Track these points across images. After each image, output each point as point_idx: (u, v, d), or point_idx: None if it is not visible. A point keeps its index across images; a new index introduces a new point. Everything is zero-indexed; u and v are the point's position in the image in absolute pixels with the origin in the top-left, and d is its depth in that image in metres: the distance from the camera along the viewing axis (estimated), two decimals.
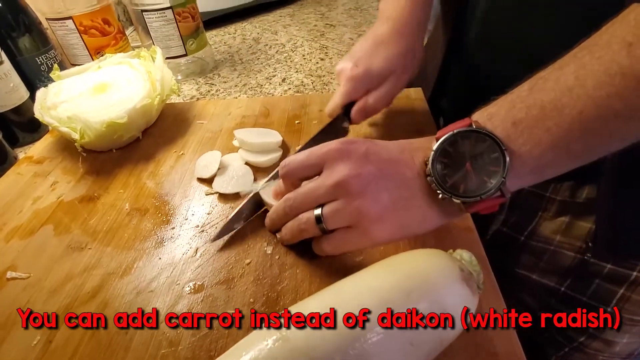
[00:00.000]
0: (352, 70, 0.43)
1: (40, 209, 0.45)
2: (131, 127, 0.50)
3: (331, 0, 1.07)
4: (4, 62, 0.54)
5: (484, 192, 0.28)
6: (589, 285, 0.44)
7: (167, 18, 0.66)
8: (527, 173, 0.28)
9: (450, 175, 0.29)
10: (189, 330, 0.32)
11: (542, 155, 0.27)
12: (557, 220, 0.44)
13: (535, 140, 0.27)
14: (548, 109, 0.26)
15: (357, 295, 0.25)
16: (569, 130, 0.26)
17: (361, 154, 0.31)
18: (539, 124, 0.27)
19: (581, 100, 0.25)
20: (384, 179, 0.30)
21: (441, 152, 0.29)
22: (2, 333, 0.33)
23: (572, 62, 0.27)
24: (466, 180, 0.29)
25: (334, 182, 0.31)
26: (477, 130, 0.28)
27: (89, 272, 0.38)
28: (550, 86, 0.27)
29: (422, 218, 0.31)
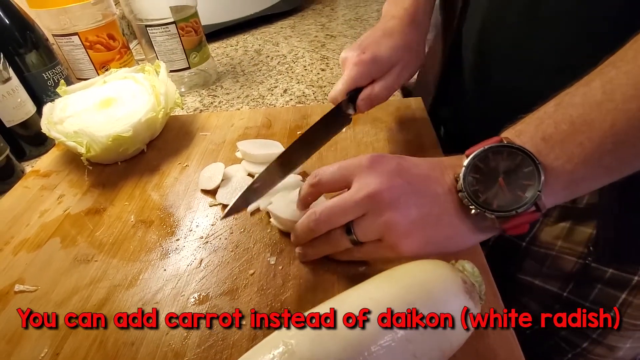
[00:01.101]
0: (359, 55, 0.43)
1: (47, 222, 0.46)
2: (136, 141, 0.51)
3: (331, 12, 1.09)
4: (11, 78, 0.55)
5: (519, 206, 0.28)
6: (591, 290, 0.45)
7: (171, 32, 0.67)
8: (561, 188, 0.28)
9: (482, 190, 0.29)
10: (195, 341, 0.32)
11: (575, 170, 0.27)
12: (558, 226, 0.45)
13: (567, 154, 0.27)
14: (578, 124, 0.27)
15: (359, 308, 0.25)
16: (600, 144, 0.26)
17: (392, 169, 0.31)
18: (569, 138, 0.27)
19: (611, 114, 0.25)
20: (414, 194, 0.30)
21: (472, 167, 0.30)
22: (11, 345, 0.34)
23: (598, 77, 0.27)
24: (499, 195, 0.29)
25: (365, 195, 0.31)
26: (509, 146, 0.29)
27: (95, 284, 0.38)
28: (577, 101, 0.27)
29: (453, 234, 0.31)
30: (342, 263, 0.37)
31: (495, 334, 0.31)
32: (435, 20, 0.53)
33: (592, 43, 0.35)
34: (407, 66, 0.46)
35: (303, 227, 0.35)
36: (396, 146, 0.51)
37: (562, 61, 0.38)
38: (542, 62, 0.39)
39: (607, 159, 0.27)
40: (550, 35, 0.38)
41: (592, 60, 0.28)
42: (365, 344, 0.23)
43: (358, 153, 0.51)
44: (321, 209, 0.33)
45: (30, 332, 0.35)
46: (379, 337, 0.23)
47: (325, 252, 0.36)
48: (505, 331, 0.31)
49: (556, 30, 0.37)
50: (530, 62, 0.41)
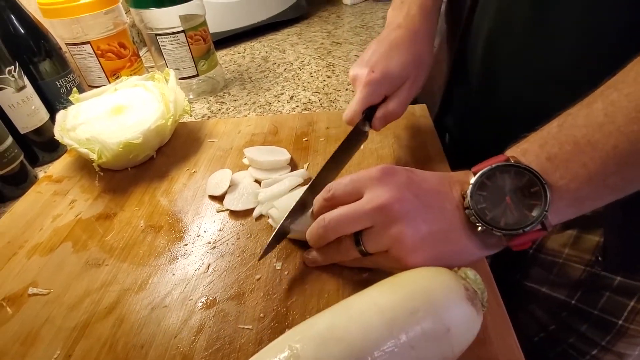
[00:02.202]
0: (369, 75, 0.43)
1: (59, 227, 0.47)
2: (146, 147, 0.52)
3: (337, 19, 1.10)
4: (26, 86, 0.57)
5: (526, 225, 0.28)
6: (599, 298, 0.45)
7: (180, 41, 0.69)
8: (566, 206, 0.29)
9: (489, 208, 0.30)
10: (203, 344, 0.33)
11: (579, 189, 0.28)
12: (565, 234, 0.45)
13: (572, 174, 0.28)
14: (582, 145, 0.27)
15: (363, 314, 0.25)
16: (604, 165, 0.27)
17: (402, 182, 0.32)
18: (573, 158, 0.28)
19: (613, 136, 0.26)
20: (423, 209, 0.31)
21: (479, 185, 0.30)
22: (25, 347, 0.35)
23: (600, 99, 0.27)
24: (506, 213, 0.29)
25: (375, 206, 0.31)
26: (515, 165, 0.29)
27: (106, 288, 0.39)
28: (580, 122, 0.28)
29: (460, 250, 0.31)
30: (346, 269, 0.38)
31: (498, 341, 0.32)
32: (440, 27, 0.54)
33: (597, 53, 0.35)
34: (417, 79, 0.46)
35: (313, 233, 0.36)
36: (401, 153, 0.52)
37: (568, 71, 0.38)
38: (548, 72, 0.40)
39: (611, 179, 0.27)
40: (555, 46, 0.38)
41: (597, 70, 0.28)
42: (368, 349, 0.24)
43: (363, 160, 0.51)
44: (330, 217, 0.34)
45: (43, 334, 0.36)
46: (383, 342, 0.24)
47: (334, 260, 0.37)
48: (507, 338, 0.32)
49: (562, 40, 0.37)
50: (535, 72, 0.41)
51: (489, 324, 0.32)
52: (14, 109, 0.56)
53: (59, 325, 0.36)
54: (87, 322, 0.36)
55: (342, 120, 0.45)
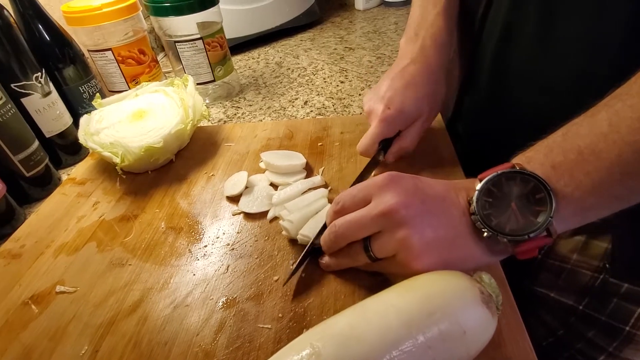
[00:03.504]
0: (384, 112, 0.45)
1: (84, 227, 0.49)
2: (166, 151, 0.54)
3: (350, 24, 1.11)
4: (52, 92, 0.59)
5: (532, 231, 0.29)
6: (607, 304, 0.45)
7: (198, 48, 0.71)
8: (571, 214, 0.29)
9: (495, 214, 0.30)
10: (224, 342, 0.34)
11: (584, 198, 0.28)
12: (574, 239, 0.45)
13: (576, 183, 0.28)
14: (586, 154, 0.28)
15: (382, 315, 0.26)
16: (608, 174, 0.27)
17: (408, 188, 0.33)
18: (578, 167, 0.28)
19: (617, 146, 0.26)
20: (429, 214, 0.32)
21: (485, 192, 0.31)
22: (53, 342, 0.36)
23: (604, 109, 0.28)
24: (511, 219, 0.30)
25: (381, 212, 0.32)
26: (521, 172, 0.30)
27: (129, 286, 0.41)
28: (584, 132, 0.28)
29: (466, 256, 0.32)
30: (362, 272, 0.39)
31: (513, 344, 0.32)
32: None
33: (600, 65, 0.36)
34: (430, 115, 0.48)
35: (325, 241, 0.38)
36: (415, 160, 0.53)
37: (573, 82, 0.39)
38: (554, 83, 0.41)
39: (615, 188, 0.28)
40: (561, 59, 0.39)
41: (601, 80, 0.29)
42: (387, 349, 0.25)
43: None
44: (340, 223, 0.35)
45: (70, 330, 0.37)
46: (401, 342, 0.25)
47: (345, 265, 0.38)
48: (521, 342, 0.32)
49: (566, 54, 0.38)
50: (542, 83, 0.42)
51: (503, 328, 0.33)
52: (40, 114, 0.58)
53: (86, 322, 0.38)
54: (113, 319, 0.38)
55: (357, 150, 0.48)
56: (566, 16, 0.37)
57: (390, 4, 1.19)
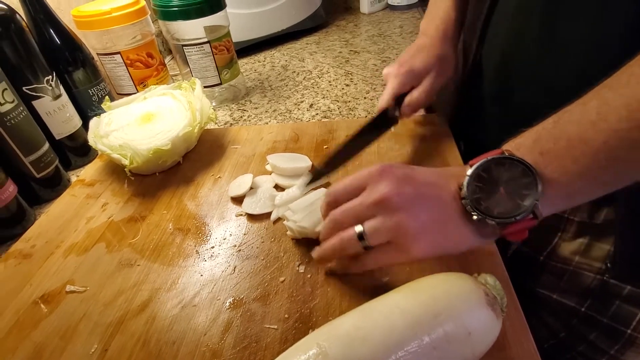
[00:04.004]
0: (397, 69, 0.50)
1: (93, 228, 0.49)
2: (174, 153, 0.55)
3: (355, 28, 1.12)
4: (62, 95, 0.60)
5: (518, 214, 0.30)
6: (609, 306, 0.45)
7: (205, 51, 0.72)
8: (558, 199, 0.30)
9: (484, 198, 0.31)
10: (231, 342, 0.35)
11: (571, 183, 0.29)
12: (576, 242, 0.45)
13: (564, 169, 0.29)
14: (574, 141, 0.29)
15: (387, 316, 0.27)
16: (595, 160, 0.28)
17: (401, 176, 0.34)
18: (566, 153, 0.29)
19: (604, 133, 0.28)
20: (422, 199, 0.33)
21: (476, 177, 0.32)
22: (64, 341, 0.37)
23: (595, 98, 0.29)
24: (500, 203, 0.31)
25: (375, 199, 0.33)
26: (510, 158, 0.31)
27: (138, 286, 0.41)
28: (575, 120, 0.30)
29: (458, 238, 0.33)
30: (366, 274, 0.39)
31: (517, 346, 0.32)
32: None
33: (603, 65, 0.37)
34: (441, 73, 0.51)
35: (323, 231, 0.38)
36: (420, 161, 0.53)
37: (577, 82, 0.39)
38: (558, 83, 0.41)
39: (602, 174, 0.29)
40: (564, 59, 0.40)
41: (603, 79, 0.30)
42: (393, 349, 0.25)
43: None
44: (338, 210, 0.36)
45: (81, 329, 0.38)
46: (406, 343, 0.25)
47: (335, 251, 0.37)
48: (526, 343, 0.32)
49: (570, 54, 0.39)
50: (547, 83, 0.42)
51: (507, 329, 0.33)
52: (50, 116, 0.59)
53: (96, 321, 0.38)
54: (122, 318, 0.38)
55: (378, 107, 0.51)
56: (570, 18, 0.37)
57: (395, 8, 1.20)
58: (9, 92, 0.51)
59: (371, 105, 0.73)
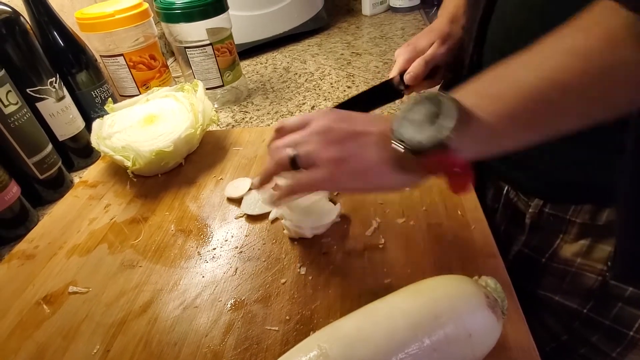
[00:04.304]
0: (404, 48, 0.55)
1: (95, 229, 0.50)
2: (176, 155, 0.55)
3: (357, 30, 1.12)
4: (65, 97, 0.61)
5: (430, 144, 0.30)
6: (611, 308, 0.45)
7: (207, 53, 0.72)
8: (485, 137, 0.30)
9: (408, 131, 0.32)
10: (232, 344, 0.35)
11: (499, 122, 0.30)
12: (578, 243, 0.45)
13: (491, 107, 0.30)
14: (505, 83, 0.30)
15: (388, 317, 0.27)
16: (523, 101, 0.29)
17: (341, 115, 0.36)
18: (496, 93, 0.30)
19: (535, 75, 0.28)
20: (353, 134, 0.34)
21: (406, 110, 0.33)
22: (67, 341, 0.37)
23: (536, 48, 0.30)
24: (416, 133, 0.31)
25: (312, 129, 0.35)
26: (436, 94, 0.32)
27: (140, 287, 0.42)
28: (510, 66, 0.30)
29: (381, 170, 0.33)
30: (368, 276, 0.39)
31: (518, 349, 0.32)
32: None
33: None
34: (442, 44, 0.53)
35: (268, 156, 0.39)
36: None
37: None
38: None
39: (530, 117, 0.29)
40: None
41: None
42: (394, 351, 0.25)
43: None
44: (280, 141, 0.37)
45: (83, 330, 0.38)
46: (407, 345, 0.25)
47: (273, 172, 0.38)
48: (528, 346, 0.33)
49: None
50: None
51: (509, 332, 0.33)
52: (54, 118, 0.60)
53: (98, 321, 0.39)
54: (124, 319, 0.38)
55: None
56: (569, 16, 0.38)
57: (397, 10, 1.20)
58: (13, 94, 0.51)
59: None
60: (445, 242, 0.42)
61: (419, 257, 0.41)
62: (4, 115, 0.50)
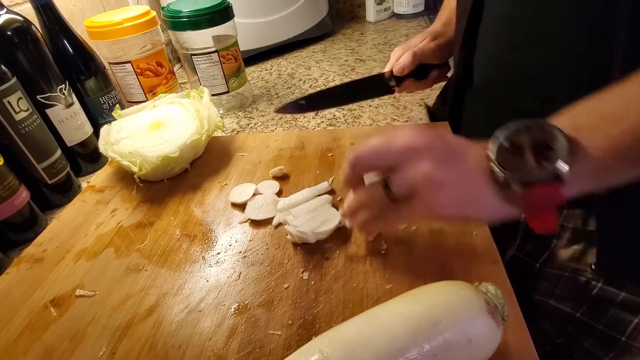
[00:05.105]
0: (398, 47, 0.59)
1: (102, 234, 0.51)
2: (182, 160, 0.56)
3: (361, 36, 1.13)
4: (74, 103, 0.62)
5: (543, 175, 0.29)
6: (604, 313, 0.45)
7: (213, 60, 0.73)
8: (588, 174, 0.30)
9: (511, 160, 0.30)
10: (235, 347, 0.36)
11: (602, 159, 0.29)
12: (572, 248, 0.46)
13: (596, 143, 0.29)
14: (609, 118, 0.29)
15: (390, 322, 0.27)
16: (629, 138, 0.28)
17: (432, 133, 0.33)
18: (598, 128, 0.29)
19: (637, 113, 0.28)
20: (451, 155, 0.32)
21: (505, 139, 0.31)
22: (74, 344, 0.38)
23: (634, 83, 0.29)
24: (525, 165, 0.30)
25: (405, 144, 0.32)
26: (541, 122, 0.31)
27: (145, 291, 0.42)
28: (611, 98, 0.30)
29: (482, 200, 0.32)
30: (370, 281, 0.40)
31: (519, 355, 0.33)
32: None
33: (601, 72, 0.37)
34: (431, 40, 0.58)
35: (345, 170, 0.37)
36: None
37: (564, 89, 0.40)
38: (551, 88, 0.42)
39: (634, 153, 0.28)
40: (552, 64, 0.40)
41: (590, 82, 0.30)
42: (394, 355, 0.26)
43: None
44: (358, 151, 0.35)
45: (90, 332, 0.39)
46: (407, 350, 0.26)
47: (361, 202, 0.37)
48: (528, 352, 0.33)
49: (574, 62, 0.39)
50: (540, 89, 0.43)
51: (509, 338, 0.33)
52: (63, 124, 0.61)
53: (104, 324, 0.39)
54: (130, 322, 0.39)
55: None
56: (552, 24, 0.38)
57: (401, 16, 1.21)
58: (24, 100, 0.53)
59: (376, 113, 0.74)
60: (447, 248, 0.43)
61: (420, 262, 0.41)
62: (14, 122, 0.52)
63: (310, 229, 0.43)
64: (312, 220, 0.44)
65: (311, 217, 0.45)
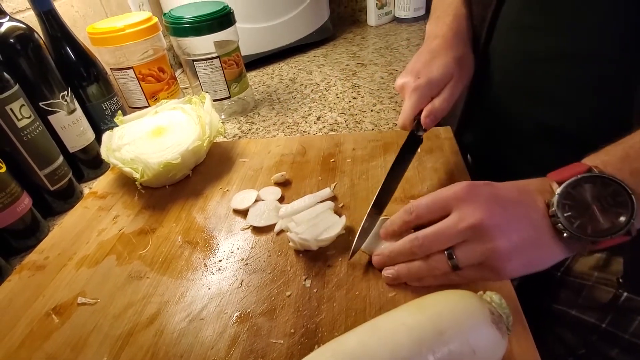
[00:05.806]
0: (415, 82, 0.46)
1: (104, 241, 0.50)
2: (184, 167, 0.56)
3: (362, 40, 1.13)
4: (76, 109, 0.62)
5: (615, 232, 0.30)
6: (630, 322, 0.44)
7: (215, 66, 0.73)
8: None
9: (576, 216, 0.31)
10: (237, 356, 0.35)
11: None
12: (594, 257, 0.45)
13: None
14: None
15: (393, 332, 0.27)
16: None
17: (488, 197, 0.34)
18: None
19: None
20: (512, 220, 0.33)
21: (565, 195, 0.32)
22: (75, 352, 0.38)
23: None
24: (593, 221, 0.31)
25: (469, 224, 0.33)
26: (601, 176, 0.31)
27: (147, 299, 0.42)
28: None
29: (549, 255, 0.33)
30: (372, 289, 0.39)
31: None
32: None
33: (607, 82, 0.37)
34: (460, 79, 0.48)
35: (404, 250, 0.37)
36: (426, 174, 0.53)
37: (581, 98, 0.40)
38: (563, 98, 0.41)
39: None
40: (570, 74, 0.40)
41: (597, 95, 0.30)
42: None
43: None
44: (424, 234, 0.35)
45: (91, 341, 0.39)
46: None
47: (420, 275, 0.37)
48: None
49: (576, 70, 0.39)
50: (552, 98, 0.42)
51: (514, 347, 0.33)
52: (65, 130, 0.61)
53: (106, 332, 0.39)
54: (131, 331, 0.39)
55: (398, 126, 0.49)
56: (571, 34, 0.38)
57: (402, 20, 1.21)
58: (26, 107, 0.53)
59: (378, 118, 0.74)
60: None
61: None
62: (17, 129, 0.52)
63: (312, 236, 0.43)
64: (315, 227, 0.44)
65: (313, 224, 0.45)
